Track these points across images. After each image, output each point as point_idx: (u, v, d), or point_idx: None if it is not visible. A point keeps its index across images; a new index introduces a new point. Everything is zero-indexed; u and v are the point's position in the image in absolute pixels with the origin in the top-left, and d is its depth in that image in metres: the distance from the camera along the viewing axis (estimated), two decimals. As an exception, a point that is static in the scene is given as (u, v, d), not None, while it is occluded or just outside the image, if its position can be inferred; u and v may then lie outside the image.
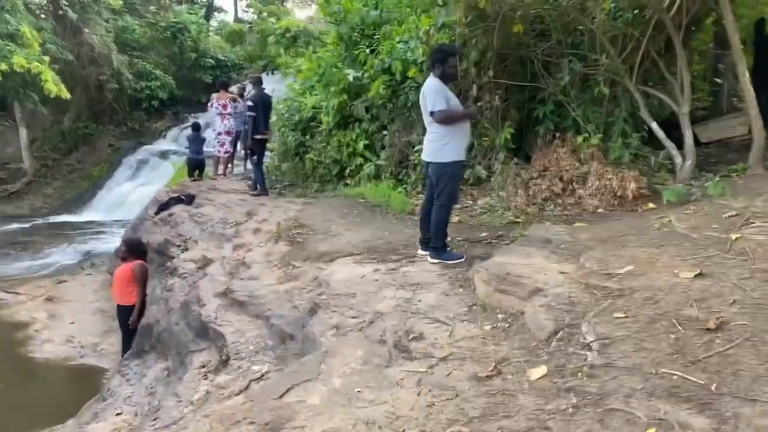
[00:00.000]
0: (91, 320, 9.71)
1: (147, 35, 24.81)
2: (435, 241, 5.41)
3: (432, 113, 5.21)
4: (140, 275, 7.55)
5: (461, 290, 4.67)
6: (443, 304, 4.42)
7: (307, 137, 10.37)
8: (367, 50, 8.72)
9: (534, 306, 3.83)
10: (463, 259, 5.38)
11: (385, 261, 5.64)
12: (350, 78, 8.85)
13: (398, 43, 8.26)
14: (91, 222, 18.34)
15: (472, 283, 4.72)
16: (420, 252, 5.73)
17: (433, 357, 3.54)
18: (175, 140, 22.86)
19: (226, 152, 11.38)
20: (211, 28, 28.40)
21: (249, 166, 12.86)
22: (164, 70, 24.49)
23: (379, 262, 5.64)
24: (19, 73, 18.31)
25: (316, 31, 10.88)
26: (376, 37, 9.08)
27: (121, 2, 22.60)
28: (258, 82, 9.73)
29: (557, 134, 7.73)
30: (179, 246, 8.64)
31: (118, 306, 7.75)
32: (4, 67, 17.80)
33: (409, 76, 7.88)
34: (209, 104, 11.50)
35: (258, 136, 9.53)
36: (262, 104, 9.52)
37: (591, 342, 3.19)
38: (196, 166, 11.75)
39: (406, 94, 8.48)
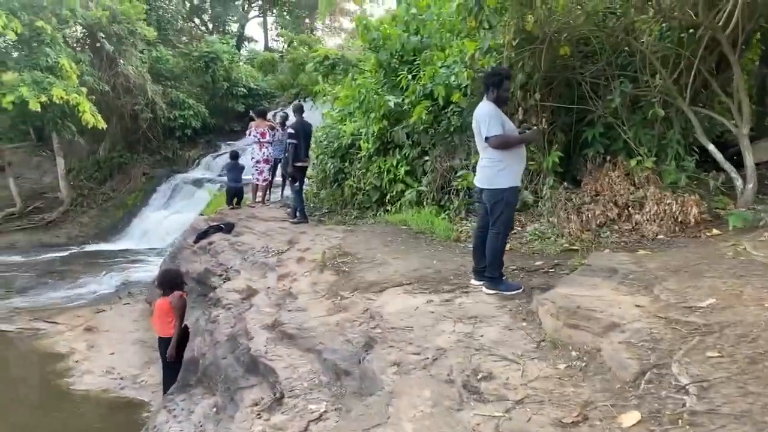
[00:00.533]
0: (131, 351, 9.62)
1: (180, 65, 25.18)
2: (491, 270, 5.20)
3: (487, 138, 5.03)
4: (178, 307, 7.42)
5: (525, 324, 4.44)
6: (508, 339, 4.19)
7: (346, 164, 10.27)
8: (409, 76, 8.61)
9: (612, 343, 3.59)
10: (521, 290, 5.15)
11: (437, 291, 5.43)
12: (391, 104, 8.74)
13: (440, 68, 8.13)
14: (126, 250, 18.45)
15: (536, 316, 4.49)
16: (473, 282, 5.51)
17: (508, 399, 3.30)
18: (208, 168, 23.03)
19: (264, 180, 11.33)
20: (242, 58, 28.71)
21: (287, 193, 12.85)
22: (197, 99, 24.79)
23: (432, 292, 5.43)
24: (57, 104, 18.68)
25: (354, 58, 10.85)
26: (416, 62, 8.98)
27: (156, 34, 23.00)
28: (299, 110, 9.68)
29: (607, 157, 7.49)
30: (220, 275, 8.53)
31: (159, 338, 7.62)
32: (43, 98, 18.16)
33: (453, 100, 7.73)
34: (247, 132, 11.49)
35: (299, 164, 9.44)
36: (303, 132, 9.44)
37: (686, 385, 2.93)
38: (234, 194, 11.72)
39: (448, 119, 8.33)
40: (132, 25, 21.71)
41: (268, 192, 11.91)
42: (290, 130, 9.50)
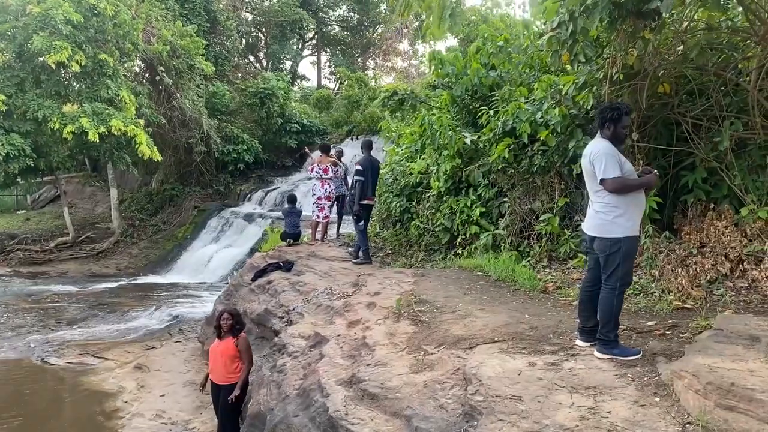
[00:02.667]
0: (182, 393, 9.14)
1: (236, 100, 25.36)
2: (605, 332, 4.54)
3: (603, 181, 4.44)
4: (247, 350, 6.94)
5: (658, 400, 3.78)
6: (643, 419, 3.53)
7: (413, 203, 9.76)
8: (491, 111, 8.09)
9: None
10: (639, 356, 4.48)
11: (538, 353, 4.80)
12: (467, 141, 8.23)
13: (525, 104, 7.61)
14: (176, 284, 18.22)
15: (670, 390, 3.82)
16: (579, 343, 4.86)
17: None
18: (259, 203, 22.87)
19: (325, 217, 10.88)
20: (295, 95, 28.85)
21: (342, 231, 12.39)
22: (250, 134, 24.85)
23: (532, 353, 4.80)
24: (115, 135, 18.82)
25: (422, 94, 10.48)
26: (494, 99, 8.48)
27: (213, 69, 23.22)
28: (368, 146, 9.26)
29: (711, 205, 6.79)
30: (281, 318, 8.03)
31: (219, 386, 7.11)
32: (102, 129, 18.32)
33: (541, 138, 7.17)
34: (309, 168, 11.10)
35: (365, 201, 8.97)
36: (372, 168, 9.00)
37: None
38: (292, 239, 11.21)
39: (530, 158, 7.75)
40: (191, 59, 21.96)
41: (327, 230, 11.44)
42: (358, 167, 9.06)
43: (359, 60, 35.84)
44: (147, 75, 23.57)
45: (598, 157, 4.48)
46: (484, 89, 8.87)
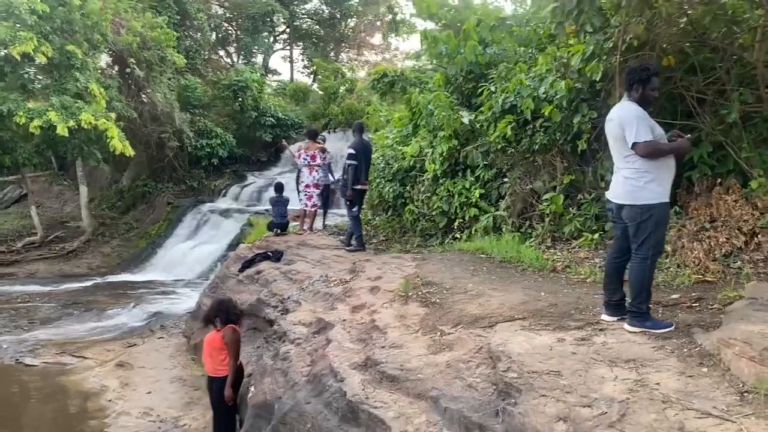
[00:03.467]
0: (170, 390, 8.72)
1: (208, 93, 24.75)
2: (637, 303, 4.32)
3: (635, 145, 4.22)
4: (232, 342, 6.55)
5: (705, 370, 3.57)
6: (696, 390, 3.32)
7: (407, 188, 9.47)
8: (492, 87, 7.82)
9: None
10: (672, 328, 4.27)
11: (563, 329, 4.57)
12: (465, 121, 7.97)
13: (525, 79, 7.37)
14: (152, 282, 17.65)
15: (719, 360, 3.62)
16: (605, 317, 4.65)
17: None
18: (235, 198, 22.37)
19: (313, 206, 10.52)
20: (269, 88, 28.31)
21: (328, 222, 12.06)
22: (224, 129, 24.26)
23: (557, 329, 4.57)
24: (84, 129, 18.12)
25: (412, 76, 10.19)
26: (491, 77, 8.23)
27: (185, 61, 22.60)
28: (360, 130, 8.95)
29: (718, 180, 6.66)
30: (276, 307, 7.69)
31: (209, 378, 6.75)
32: (71, 123, 17.62)
33: (545, 113, 6.93)
34: (297, 154, 10.71)
35: (359, 186, 8.67)
36: (364, 152, 8.69)
37: None
38: (279, 229, 10.81)
39: (530, 136, 7.53)
40: (162, 51, 21.32)
41: (316, 219, 11.09)
42: (350, 150, 8.75)
43: (332, 54, 35.42)
44: (116, 68, 22.82)
45: (629, 120, 4.26)
46: (481, 68, 8.63)
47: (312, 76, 31.86)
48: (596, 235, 6.92)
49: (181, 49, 23.82)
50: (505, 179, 7.86)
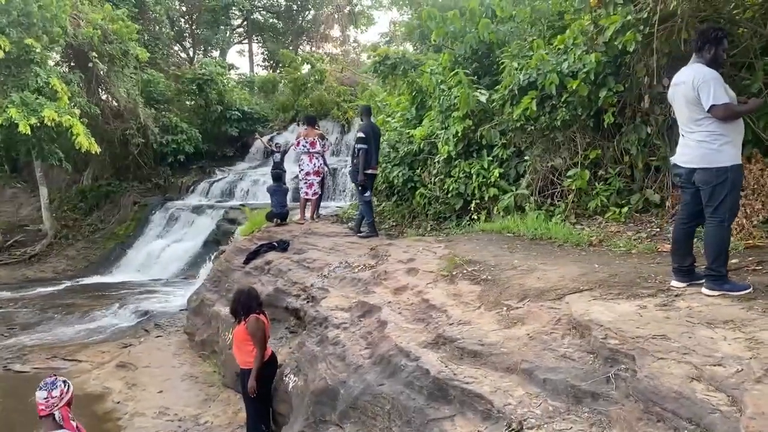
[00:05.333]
0: (182, 387, 8.40)
1: (171, 88, 24.00)
2: (716, 267, 4.31)
3: (713, 107, 4.20)
4: (255, 331, 6.32)
5: (807, 325, 3.57)
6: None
7: (417, 171, 9.33)
8: (514, 63, 7.70)
9: None
10: (750, 290, 4.28)
11: (637, 296, 4.52)
12: (483, 99, 7.89)
13: (546, 54, 7.32)
14: (127, 282, 17.00)
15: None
16: (675, 284, 4.63)
17: None
18: (205, 194, 21.76)
19: (314, 194, 10.27)
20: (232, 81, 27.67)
21: (321, 211, 11.81)
22: (189, 124, 23.55)
23: (631, 297, 4.52)
24: (46, 127, 17.28)
25: (413, 57, 10.03)
26: (505, 53, 8.15)
27: (148, 55, 21.83)
28: (367, 113, 8.76)
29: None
30: (298, 296, 7.47)
31: (241, 370, 6.51)
32: (33, 121, 16.79)
33: (573, 87, 6.89)
34: (295, 141, 10.42)
35: (370, 171, 8.49)
36: (374, 136, 8.51)
37: None
38: (279, 219, 10.49)
39: (549, 113, 7.49)
40: (125, 45, 20.54)
41: (318, 207, 10.82)
42: (360, 134, 8.56)
43: (290, 47, 34.84)
44: (73, 63, 21.87)
45: (705, 82, 4.24)
46: (494, 46, 8.55)
47: (273, 68, 31.33)
48: (624, 209, 6.96)
49: (140, 43, 23.01)
50: (526, 157, 7.82)
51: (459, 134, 8.26)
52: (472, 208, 8.35)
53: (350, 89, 23.17)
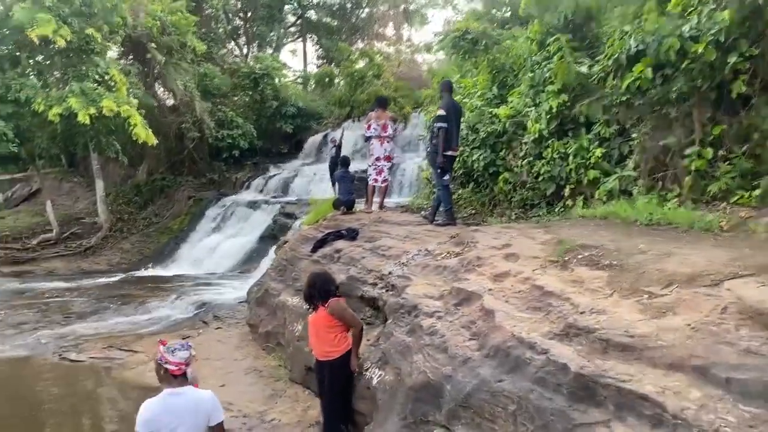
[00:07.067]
0: (246, 382, 7.79)
1: (227, 82, 23.74)
2: None
3: None
4: (341, 311, 5.65)
5: None
6: None
7: (500, 154, 8.53)
8: (625, 28, 6.86)
9: None
10: None
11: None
12: (584, 69, 7.06)
13: (664, 16, 6.45)
14: (182, 276, 16.65)
15: None
16: None
17: None
18: (260, 190, 21.39)
19: (384, 180, 9.56)
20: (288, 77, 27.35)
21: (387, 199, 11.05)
22: (244, 119, 23.24)
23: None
24: (106, 117, 17.07)
25: (494, 34, 9.27)
26: (607, 21, 7.30)
27: (205, 48, 21.61)
28: (448, 88, 8.02)
29: None
30: (374, 284, 6.78)
31: (318, 362, 5.84)
32: (92, 111, 16.60)
33: (697, 52, 5.99)
34: (366, 125, 9.73)
35: (450, 153, 7.74)
36: (456, 114, 7.76)
37: None
38: (345, 207, 9.81)
39: (660, 85, 6.59)
40: (183, 37, 20.33)
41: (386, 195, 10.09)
42: (440, 112, 7.82)
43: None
44: (131, 55, 21.80)
45: None
46: (594, 14, 7.71)
47: (328, 66, 30.89)
48: (756, 192, 6.01)
49: (196, 38, 22.84)
50: (633, 135, 6.94)
51: (553, 111, 7.44)
52: (566, 194, 7.50)
53: (407, 83, 22.51)
